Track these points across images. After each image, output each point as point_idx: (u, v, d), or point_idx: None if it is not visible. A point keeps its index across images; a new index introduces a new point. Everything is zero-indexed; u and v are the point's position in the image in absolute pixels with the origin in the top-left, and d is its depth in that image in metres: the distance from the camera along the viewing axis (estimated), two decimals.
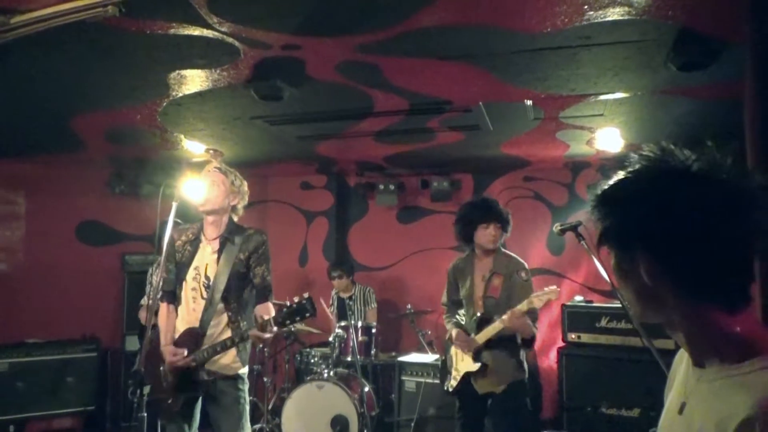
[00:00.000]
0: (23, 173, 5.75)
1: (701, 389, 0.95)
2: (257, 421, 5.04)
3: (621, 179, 1.01)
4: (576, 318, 5.22)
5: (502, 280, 3.69)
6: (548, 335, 5.85)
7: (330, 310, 5.58)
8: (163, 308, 3.14)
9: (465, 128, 4.53)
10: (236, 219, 3.21)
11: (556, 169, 6.13)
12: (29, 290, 5.63)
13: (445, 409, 4.52)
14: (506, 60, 3.13)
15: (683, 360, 1.09)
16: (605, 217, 1.00)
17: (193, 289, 3.08)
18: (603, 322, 5.06)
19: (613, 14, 2.56)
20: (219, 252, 3.08)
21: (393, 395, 4.90)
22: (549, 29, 2.71)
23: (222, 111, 4.04)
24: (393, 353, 5.68)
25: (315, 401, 4.57)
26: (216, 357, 2.98)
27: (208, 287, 3.05)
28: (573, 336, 5.19)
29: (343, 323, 5.10)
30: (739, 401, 0.85)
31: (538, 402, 5.50)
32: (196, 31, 2.72)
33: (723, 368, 0.92)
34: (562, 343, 5.29)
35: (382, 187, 6.32)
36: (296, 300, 2.90)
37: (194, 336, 2.98)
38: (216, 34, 2.76)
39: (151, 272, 4.77)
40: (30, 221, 5.84)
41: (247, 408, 3.10)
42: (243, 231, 3.15)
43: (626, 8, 2.51)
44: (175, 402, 2.98)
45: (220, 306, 3.04)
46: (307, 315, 2.91)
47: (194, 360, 2.94)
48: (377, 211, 6.74)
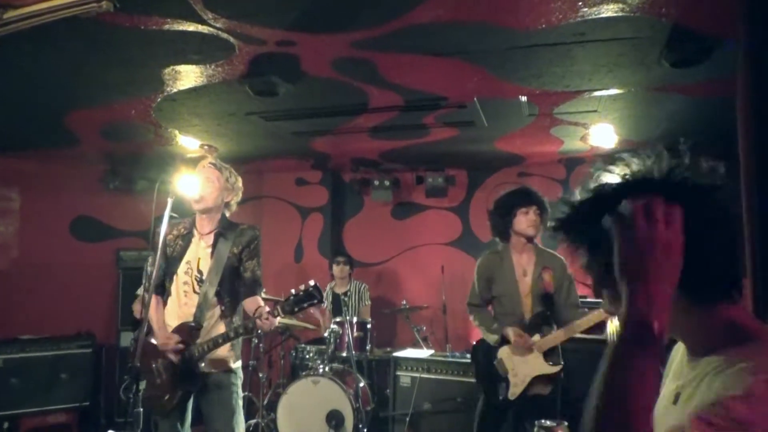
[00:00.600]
0: (18, 169, 5.73)
1: (696, 380, 0.97)
2: (253, 417, 5.04)
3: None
4: None
5: (552, 275, 3.49)
6: None
7: (323, 305, 5.57)
8: (153, 300, 3.13)
9: (460, 124, 4.54)
10: (228, 215, 3.21)
11: (551, 165, 6.15)
12: (23, 286, 5.61)
13: (440, 404, 4.54)
14: (501, 56, 3.14)
15: (679, 351, 1.11)
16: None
17: (185, 283, 3.07)
18: None
19: (608, 11, 2.57)
20: (213, 247, 3.07)
21: (388, 390, 4.91)
22: (544, 26, 2.72)
23: (217, 107, 4.03)
24: (388, 349, 5.69)
25: (310, 396, 4.58)
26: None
27: (201, 281, 3.04)
28: None
29: (338, 319, 5.12)
30: (716, 387, 0.89)
31: None
32: (191, 27, 2.72)
33: (717, 358, 0.93)
34: None
35: (377, 183, 6.32)
36: (302, 288, 2.87)
37: (189, 330, 2.98)
38: (211, 30, 2.76)
39: (147, 266, 4.76)
40: (24, 217, 5.82)
41: (240, 402, 3.10)
42: (236, 226, 3.15)
43: (620, 5, 2.52)
44: (172, 398, 2.98)
45: (213, 300, 3.04)
46: (315, 301, 2.87)
47: (194, 352, 2.92)
48: (372, 207, 6.75)
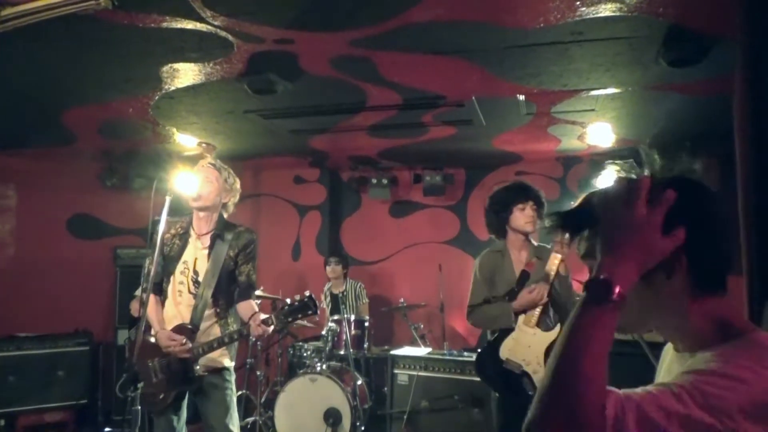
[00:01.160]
0: (15, 166, 5.72)
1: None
2: (250, 414, 5.05)
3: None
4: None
5: (537, 261, 3.29)
6: None
7: (321, 305, 5.59)
8: (152, 299, 3.12)
9: (458, 123, 4.54)
10: (226, 216, 3.20)
11: (548, 164, 6.16)
12: (20, 284, 5.60)
13: (437, 402, 4.55)
14: (499, 55, 3.14)
15: (669, 352, 1.12)
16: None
17: (181, 283, 3.07)
18: None
19: (605, 10, 2.58)
20: (210, 248, 3.06)
21: (385, 388, 4.91)
22: (542, 25, 2.73)
23: (215, 104, 4.02)
24: (385, 346, 5.70)
25: (308, 394, 4.58)
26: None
27: (197, 282, 3.04)
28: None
29: (336, 317, 5.12)
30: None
31: None
32: (190, 25, 2.72)
33: (711, 354, 0.94)
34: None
35: (375, 181, 6.32)
36: (297, 298, 2.91)
37: (185, 332, 2.98)
38: (209, 28, 2.75)
39: (146, 265, 4.75)
40: (21, 215, 5.81)
41: (234, 399, 3.12)
42: (233, 228, 3.14)
43: (618, 4, 2.53)
44: (167, 397, 2.99)
45: (209, 301, 3.04)
46: (309, 312, 2.93)
47: (191, 354, 2.93)
48: (370, 205, 6.75)
